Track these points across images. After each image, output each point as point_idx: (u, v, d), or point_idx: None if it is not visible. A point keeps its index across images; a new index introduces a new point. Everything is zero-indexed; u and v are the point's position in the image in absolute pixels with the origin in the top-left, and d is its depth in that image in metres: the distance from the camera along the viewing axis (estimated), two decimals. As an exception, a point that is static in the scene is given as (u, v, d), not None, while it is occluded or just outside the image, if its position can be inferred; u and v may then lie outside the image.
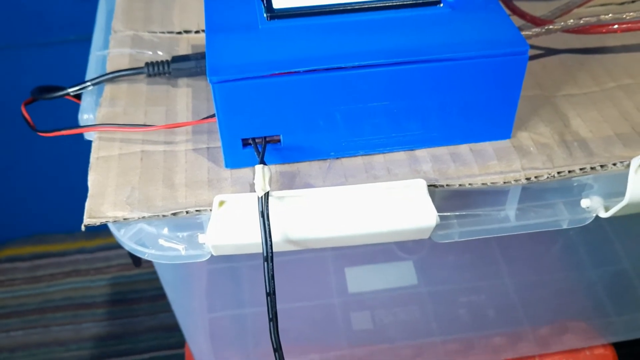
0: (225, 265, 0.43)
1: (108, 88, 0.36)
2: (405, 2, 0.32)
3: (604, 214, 0.33)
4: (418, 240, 0.38)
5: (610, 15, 0.37)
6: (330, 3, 0.32)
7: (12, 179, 0.89)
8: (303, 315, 0.53)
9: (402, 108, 0.30)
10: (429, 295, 0.54)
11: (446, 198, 0.32)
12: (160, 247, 0.31)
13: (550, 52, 0.39)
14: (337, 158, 0.32)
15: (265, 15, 0.31)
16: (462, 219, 0.33)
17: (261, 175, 0.29)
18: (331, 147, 0.31)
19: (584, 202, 0.33)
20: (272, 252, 0.29)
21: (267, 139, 0.30)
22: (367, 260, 0.55)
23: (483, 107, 0.31)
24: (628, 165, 0.31)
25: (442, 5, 0.32)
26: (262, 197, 0.28)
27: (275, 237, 0.29)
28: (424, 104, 0.31)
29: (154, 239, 0.31)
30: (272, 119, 0.30)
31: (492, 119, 0.32)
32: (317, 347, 0.52)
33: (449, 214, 0.33)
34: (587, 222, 0.34)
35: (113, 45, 0.39)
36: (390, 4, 0.32)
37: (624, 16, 0.37)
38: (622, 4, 0.43)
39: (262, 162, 0.30)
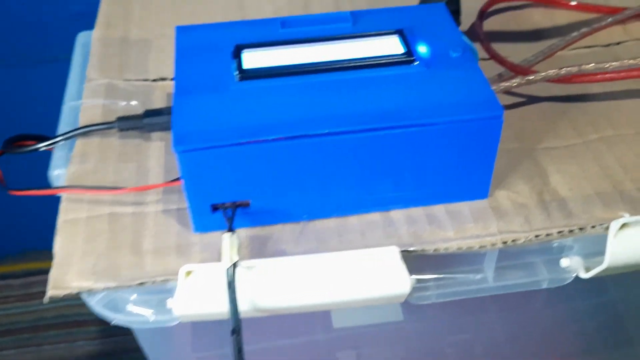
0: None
1: (79, 143, 0.35)
2: (378, 62, 0.31)
3: (584, 275, 0.32)
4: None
5: (592, 65, 0.36)
6: (302, 62, 0.31)
7: (3, 195, 0.88)
8: (287, 353, 0.52)
9: (375, 171, 0.30)
10: (415, 333, 0.53)
11: (423, 259, 0.31)
12: (128, 312, 0.31)
13: (531, 100, 0.38)
14: (310, 220, 0.31)
15: (236, 75, 0.30)
16: (439, 281, 0.33)
17: (228, 244, 0.28)
18: (303, 209, 0.31)
19: (564, 262, 0.33)
20: (239, 325, 0.28)
21: (237, 204, 0.30)
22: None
23: (459, 168, 0.30)
24: (607, 228, 0.30)
25: (416, 63, 0.31)
26: (229, 268, 0.28)
27: (245, 307, 0.28)
28: (398, 167, 0.30)
29: (122, 303, 0.31)
30: (241, 185, 0.29)
31: (469, 180, 0.31)
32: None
33: (425, 277, 0.32)
34: (567, 282, 0.33)
35: (86, 95, 0.38)
36: (363, 63, 0.31)
37: (606, 66, 0.36)
38: (608, 45, 0.42)
39: (230, 229, 0.29)
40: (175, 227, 0.31)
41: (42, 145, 0.35)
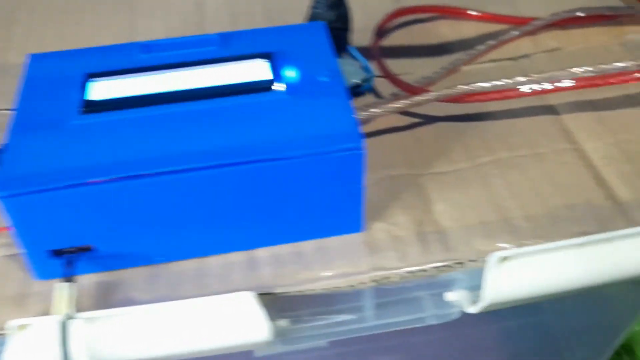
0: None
1: None
2: (240, 89, 0.29)
3: (470, 310, 0.30)
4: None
5: (486, 83, 0.34)
6: (155, 92, 0.29)
7: None
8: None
9: (234, 209, 0.27)
10: (339, 356, 0.51)
11: (297, 299, 0.29)
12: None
13: (426, 120, 0.36)
14: (166, 263, 0.29)
15: (79, 108, 0.28)
16: (314, 322, 0.30)
17: (59, 296, 0.26)
18: (155, 252, 0.28)
19: (450, 296, 0.31)
20: (75, 382, 0.25)
21: (78, 248, 0.27)
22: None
23: (326, 202, 0.28)
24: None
25: (281, 89, 0.29)
26: (62, 322, 0.25)
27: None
28: (259, 204, 0.27)
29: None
30: (78, 229, 0.27)
31: (338, 214, 0.29)
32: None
33: (299, 316, 0.30)
34: (453, 317, 0.31)
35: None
36: (222, 91, 0.28)
37: (501, 84, 0.34)
38: (515, 59, 0.40)
39: (67, 278, 0.26)
40: (17, 274, 0.29)
41: None
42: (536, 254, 0.28)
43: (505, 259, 0.28)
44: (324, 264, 0.29)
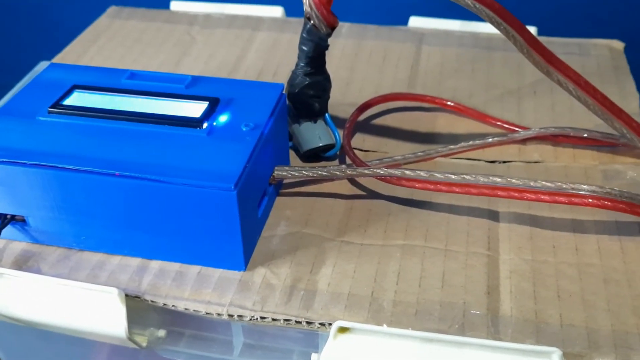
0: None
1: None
2: (170, 121, 0.33)
3: (322, 374, 0.31)
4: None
5: (423, 172, 0.35)
6: (109, 108, 0.34)
7: None
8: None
9: (131, 217, 0.32)
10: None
11: (175, 314, 0.32)
12: None
13: (369, 195, 0.37)
14: (80, 250, 0.34)
15: (48, 109, 0.34)
16: (188, 340, 0.33)
17: (-19, 248, 0.32)
18: (72, 238, 0.33)
19: (314, 357, 0.32)
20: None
21: (14, 217, 0.33)
22: None
23: (207, 234, 0.31)
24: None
25: (202, 128, 0.33)
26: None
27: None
28: (151, 219, 0.32)
29: None
30: (14, 201, 0.33)
31: (220, 249, 0.32)
32: None
33: (179, 332, 0.33)
34: (312, 379, 0.32)
35: None
36: (157, 119, 0.33)
37: (442, 175, 0.35)
38: (493, 162, 0.40)
39: (-6, 236, 0.32)
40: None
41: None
42: (376, 334, 0.29)
43: (344, 330, 0.29)
44: (195, 287, 0.32)
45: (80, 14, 0.62)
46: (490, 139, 0.41)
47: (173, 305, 0.31)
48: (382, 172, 0.35)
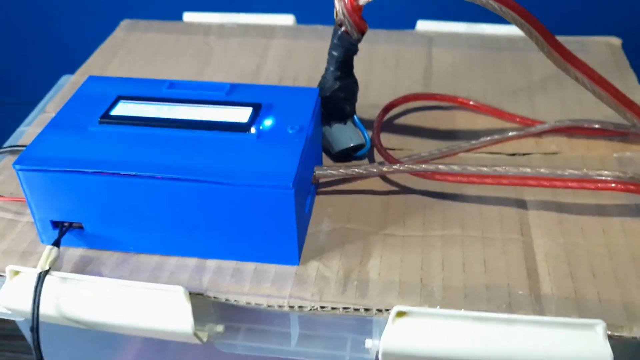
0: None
1: (7, 159, 0.42)
2: (220, 126, 0.35)
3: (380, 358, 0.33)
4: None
5: (456, 166, 0.37)
6: (158, 117, 0.36)
7: None
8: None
9: (189, 219, 0.33)
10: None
11: (233, 309, 0.34)
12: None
13: (402, 190, 0.40)
14: (137, 253, 0.35)
15: (98, 119, 0.36)
16: (246, 333, 0.35)
17: (46, 255, 0.33)
18: (129, 242, 0.35)
19: (368, 343, 0.34)
20: (38, 324, 0.32)
21: (72, 224, 0.35)
22: None
23: (264, 232, 0.33)
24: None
25: (251, 132, 0.35)
26: (40, 274, 0.33)
27: (49, 311, 0.33)
28: (209, 220, 0.33)
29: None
30: (72, 209, 0.34)
31: (276, 245, 0.34)
32: None
33: (236, 326, 0.35)
34: (368, 362, 0.34)
35: (35, 124, 0.45)
36: (206, 125, 0.35)
37: (474, 168, 0.37)
38: (513, 155, 0.43)
39: (56, 244, 0.34)
40: (32, 236, 0.36)
41: (-25, 158, 0.43)
42: (432, 316, 0.31)
43: (402, 314, 0.31)
44: (254, 283, 0.33)
45: (90, 28, 0.64)
46: (510, 133, 0.43)
47: (235, 300, 0.33)
48: (417, 167, 0.37)
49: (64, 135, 0.35)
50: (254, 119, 0.36)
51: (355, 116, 0.42)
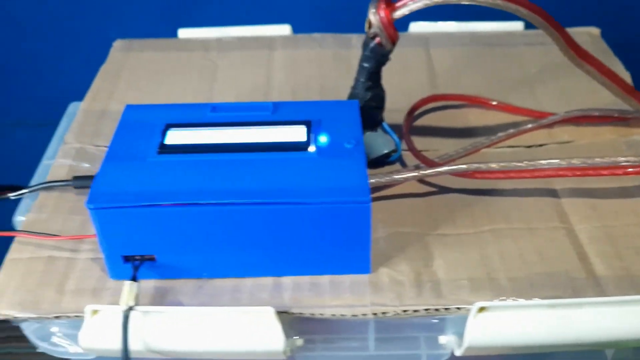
0: None
1: (41, 195, 0.41)
2: (280, 147, 0.36)
3: (457, 352, 0.35)
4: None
5: (494, 164, 0.40)
6: (215, 142, 0.36)
7: None
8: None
9: (264, 241, 0.34)
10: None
11: (313, 323, 0.35)
12: (52, 342, 0.36)
13: (441, 190, 0.42)
14: (210, 279, 0.36)
15: (156, 149, 0.36)
16: (324, 343, 0.36)
17: (127, 291, 0.33)
18: (203, 269, 0.35)
19: (442, 339, 0.36)
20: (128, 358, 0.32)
21: (144, 257, 0.35)
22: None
23: (338, 245, 0.35)
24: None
25: (312, 150, 0.36)
26: (125, 311, 0.33)
27: (137, 346, 0.33)
28: (284, 239, 0.34)
29: (49, 334, 0.36)
30: (145, 242, 0.34)
31: (349, 256, 0.35)
32: None
33: (312, 338, 0.36)
34: (444, 358, 0.36)
35: (59, 156, 0.45)
36: (267, 146, 0.36)
37: (507, 164, 0.40)
38: (530, 147, 0.46)
39: (133, 278, 0.34)
40: (97, 273, 0.36)
41: (12, 195, 0.42)
42: (511, 308, 0.33)
43: (483, 309, 0.33)
44: (334, 294, 0.35)
45: (78, 49, 0.62)
46: (525, 126, 0.46)
47: (320, 314, 0.34)
48: (458, 168, 0.40)
49: (125, 169, 0.35)
50: (310, 136, 0.37)
51: (384, 123, 0.44)
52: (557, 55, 0.43)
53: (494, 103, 0.49)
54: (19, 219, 0.41)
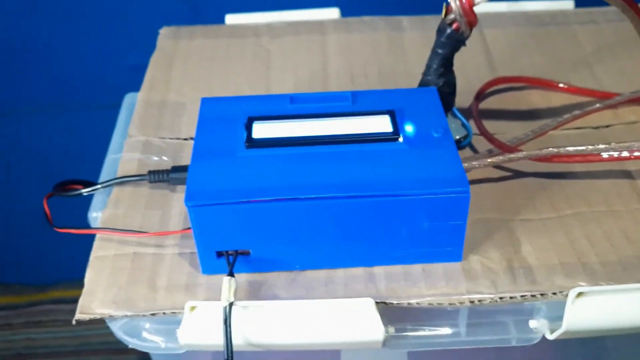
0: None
1: (115, 190, 0.41)
2: (369, 138, 0.36)
3: (549, 336, 0.35)
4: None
5: (571, 148, 0.40)
6: (303, 135, 0.36)
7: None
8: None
9: (359, 232, 0.34)
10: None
11: (404, 311, 0.35)
12: (143, 338, 0.36)
13: (516, 175, 0.42)
14: (302, 270, 0.36)
15: (245, 143, 0.36)
16: (415, 331, 0.36)
17: (227, 286, 0.33)
18: (296, 261, 0.35)
19: (532, 323, 0.36)
20: (232, 356, 0.32)
21: (238, 252, 0.35)
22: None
23: (433, 234, 0.35)
24: (566, 295, 0.34)
25: (401, 140, 0.36)
26: (226, 307, 0.33)
27: (238, 341, 0.33)
28: (379, 230, 0.34)
29: (139, 330, 0.36)
30: (242, 237, 0.34)
31: (443, 244, 0.35)
32: None
33: (403, 326, 0.36)
34: (534, 342, 0.36)
35: (126, 150, 0.44)
36: (355, 138, 0.36)
37: (585, 148, 0.40)
38: (597, 128, 0.46)
39: (231, 274, 0.34)
40: (186, 268, 0.36)
41: (84, 191, 0.41)
42: (609, 293, 0.33)
43: (581, 294, 0.33)
44: (428, 284, 0.35)
45: (122, 38, 0.61)
46: (590, 107, 0.46)
47: (417, 303, 0.34)
48: (537, 153, 0.40)
49: (216, 165, 0.35)
50: (396, 126, 0.36)
51: (454, 108, 0.44)
52: (612, 34, 0.43)
53: (560, 85, 0.48)
54: (94, 215, 0.41)
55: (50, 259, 1.02)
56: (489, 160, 0.40)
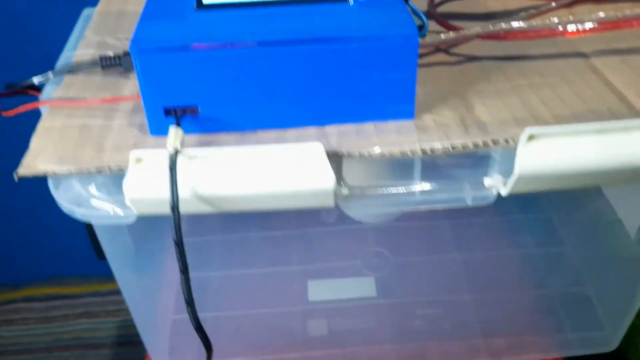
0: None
1: (66, 78, 0.41)
2: (318, -1, 0.36)
3: (504, 192, 0.35)
4: (381, 258, 0.39)
5: (525, 23, 0.40)
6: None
7: (32, 224, 0.95)
8: (264, 320, 0.55)
9: (308, 84, 0.34)
10: (386, 306, 0.55)
11: (353, 171, 0.35)
12: (91, 206, 0.35)
13: (471, 59, 0.42)
14: (253, 131, 0.35)
15: (194, 6, 0.35)
16: (368, 190, 0.36)
17: (173, 134, 0.33)
18: (246, 119, 0.35)
19: (487, 181, 0.36)
20: (177, 202, 0.32)
21: (187, 110, 0.34)
22: (330, 275, 0.57)
23: (383, 86, 0.34)
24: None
25: (351, 3, 0.36)
26: (172, 154, 0.32)
27: (184, 193, 0.32)
28: (328, 81, 0.34)
29: (86, 199, 0.35)
30: (189, 91, 0.33)
31: (394, 99, 0.35)
32: (274, 350, 0.53)
33: (355, 185, 0.36)
34: (490, 199, 0.36)
35: (80, 47, 0.44)
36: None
37: (541, 23, 0.40)
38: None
39: (177, 124, 0.33)
40: (135, 134, 0.36)
41: (35, 79, 0.40)
42: (561, 135, 0.33)
43: (532, 137, 0.33)
44: (381, 137, 0.34)
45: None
46: (552, 4, 0.46)
47: (369, 154, 0.34)
48: (492, 28, 0.40)
49: (165, 23, 0.34)
50: (347, -11, 0.37)
51: (409, 1, 0.44)
52: None
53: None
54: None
55: (23, 258, 1.01)
56: (444, 37, 0.40)
